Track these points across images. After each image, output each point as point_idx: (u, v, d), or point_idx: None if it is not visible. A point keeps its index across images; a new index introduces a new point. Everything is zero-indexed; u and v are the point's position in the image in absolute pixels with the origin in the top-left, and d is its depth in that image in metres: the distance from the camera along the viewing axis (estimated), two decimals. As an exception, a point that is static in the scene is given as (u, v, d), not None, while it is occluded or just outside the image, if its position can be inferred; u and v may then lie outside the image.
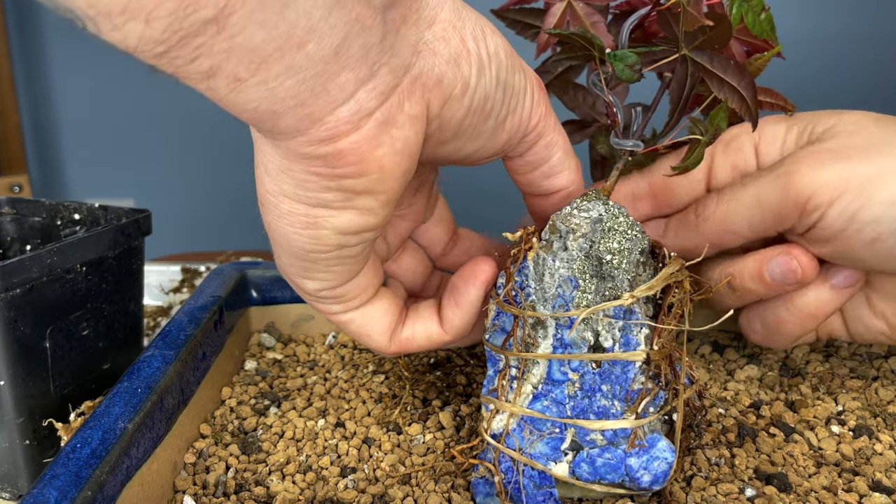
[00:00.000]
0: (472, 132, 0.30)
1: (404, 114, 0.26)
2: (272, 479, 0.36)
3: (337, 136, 0.25)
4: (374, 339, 0.35)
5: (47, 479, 0.28)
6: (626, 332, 0.32)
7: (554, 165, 0.34)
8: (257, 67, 0.22)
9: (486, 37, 0.28)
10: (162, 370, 0.36)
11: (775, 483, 0.34)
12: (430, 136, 0.28)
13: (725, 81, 0.36)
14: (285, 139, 0.25)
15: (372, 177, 0.26)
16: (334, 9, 0.22)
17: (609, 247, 0.32)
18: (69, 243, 0.40)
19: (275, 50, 0.21)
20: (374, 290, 0.34)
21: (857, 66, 1.69)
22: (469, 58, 0.27)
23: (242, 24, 0.20)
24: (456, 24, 0.27)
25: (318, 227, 0.28)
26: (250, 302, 0.49)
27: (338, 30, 0.22)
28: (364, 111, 0.25)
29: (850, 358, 0.45)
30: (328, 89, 0.23)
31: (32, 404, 0.40)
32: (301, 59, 0.22)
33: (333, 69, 0.23)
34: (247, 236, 1.45)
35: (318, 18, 0.21)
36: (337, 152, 0.25)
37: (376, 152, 0.26)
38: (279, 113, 0.23)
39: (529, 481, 0.32)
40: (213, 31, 0.20)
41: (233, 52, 0.21)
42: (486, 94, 0.28)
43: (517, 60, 0.30)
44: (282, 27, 0.21)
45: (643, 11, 0.36)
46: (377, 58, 0.24)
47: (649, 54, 0.35)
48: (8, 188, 1.82)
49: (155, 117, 1.96)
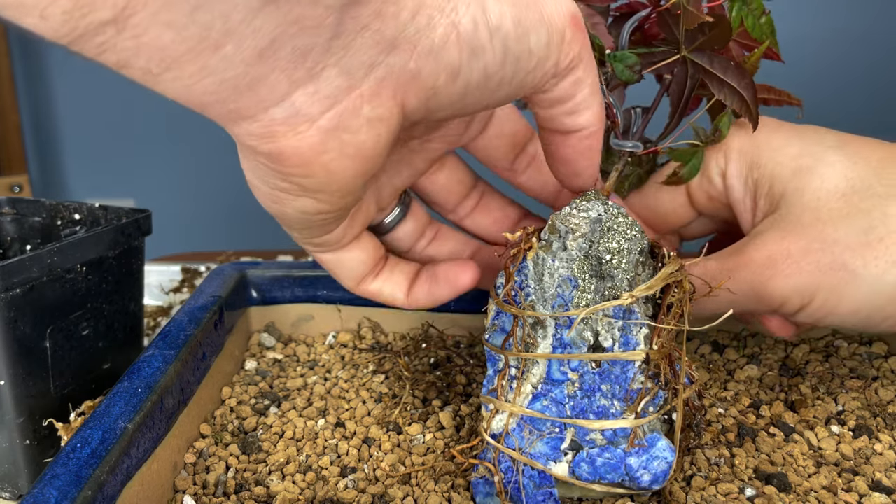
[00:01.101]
0: (479, 103, 0.28)
1: (361, 118, 0.25)
2: (272, 478, 0.36)
3: (273, 136, 0.24)
4: (342, 280, 0.37)
5: (47, 479, 0.28)
6: (625, 332, 0.32)
7: (579, 102, 0.31)
8: (168, 66, 0.21)
9: (486, 10, 0.26)
10: (162, 370, 0.36)
11: (775, 483, 0.34)
12: (422, 119, 0.27)
13: (725, 83, 0.36)
14: (227, 127, 0.24)
15: (319, 178, 0.26)
16: (261, 11, 0.21)
17: (608, 247, 0.32)
18: (69, 243, 0.40)
19: (187, 51, 0.20)
20: (353, 237, 0.34)
21: (857, 66, 1.69)
22: (459, 42, 0.25)
23: (145, 25, 0.20)
24: (444, 7, 0.25)
25: (281, 204, 0.28)
26: (250, 302, 0.49)
27: (264, 33, 0.21)
28: (303, 116, 0.24)
29: (850, 358, 0.45)
30: (255, 89, 0.22)
31: (32, 404, 0.40)
32: (217, 61, 0.21)
33: (259, 71, 0.22)
34: (247, 236, 1.45)
35: (237, 21, 0.20)
36: (277, 152, 0.24)
37: (321, 157, 0.25)
38: (203, 105, 0.23)
39: (529, 481, 0.32)
40: (114, 32, 0.19)
41: (140, 51, 0.20)
42: (488, 73, 0.27)
43: (534, 15, 0.27)
44: (193, 29, 0.20)
45: (643, 13, 0.36)
46: (319, 59, 0.23)
47: (649, 56, 0.35)
48: (8, 188, 1.82)
49: (155, 117, 1.96)
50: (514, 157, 0.40)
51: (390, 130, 0.26)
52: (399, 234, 0.39)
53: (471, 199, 0.40)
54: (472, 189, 0.40)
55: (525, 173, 0.41)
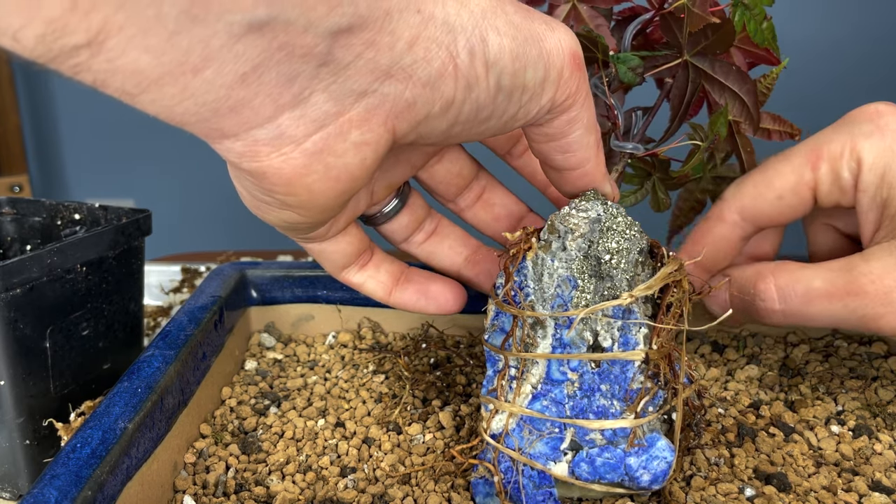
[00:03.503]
0: (467, 133, 0.28)
1: (348, 142, 0.25)
2: (272, 478, 0.36)
3: (256, 155, 0.24)
4: (325, 267, 0.37)
5: (47, 479, 0.28)
6: (624, 332, 0.32)
7: (572, 142, 0.32)
8: (146, 87, 0.21)
9: (486, 44, 0.26)
10: (162, 370, 0.36)
11: (775, 483, 0.34)
12: (412, 142, 0.28)
13: (727, 87, 0.36)
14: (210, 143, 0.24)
15: (301, 197, 0.26)
16: (244, 38, 0.21)
17: (608, 247, 0.32)
18: (69, 243, 0.40)
19: (165, 74, 0.20)
20: (338, 231, 0.35)
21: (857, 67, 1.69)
22: (455, 74, 0.25)
23: (121, 48, 0.19)
24: (443, 39, 0.25)
25: (264, 213, 0.28)
26: (250, 302, 0.49)
27: (246, 58, 0.21)
28: (288, 138, 0.24)
29: (849, 358, 0.45)
30: (237, 112, 0.22)
31: (32, 404, 0.40)
32: (198, 84, 0.21)
33: (241, 95, 0.22)
34: (247, 236, 1.45)
35: (218, 47, 0.20)
36: (260, 172, 0.24)
37: (305, 179, 0.25)
38: (184, 123, 0.23)
39: (529, 481, 0.32)
40: (88, 55, 0.19)
41: (116, 73, 0.20)
42: (480, 105, 0.27)
43: (533, 51, 0.27)
44: (171, 54, 0.20)
45: (646, 16, 0.36)
46: (307, 84, 0.23)
47: (651, 59, 0.36)
48: (8, 188, 1.82)
49: (155, 117, 1.96)
50: (510, 146, 0.40)
51: (377, 154, 0.26)
52: (394, 226, 0.39)
53: (471, 191, 0.40)
54: (473, 181, 0.40)
55: (521, 158, 0.41)
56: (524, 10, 0.28)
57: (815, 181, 0.37)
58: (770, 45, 0.37)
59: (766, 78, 0.39)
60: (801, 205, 0.38)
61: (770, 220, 0.39)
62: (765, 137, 0.41)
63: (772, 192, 0.38)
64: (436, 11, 0.24)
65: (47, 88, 2.07)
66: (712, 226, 0.40)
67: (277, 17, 0.21)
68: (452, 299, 0.39)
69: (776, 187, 0.38)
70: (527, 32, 0.27)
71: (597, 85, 0.37)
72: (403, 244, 0.40)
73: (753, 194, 0.39)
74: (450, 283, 0.39)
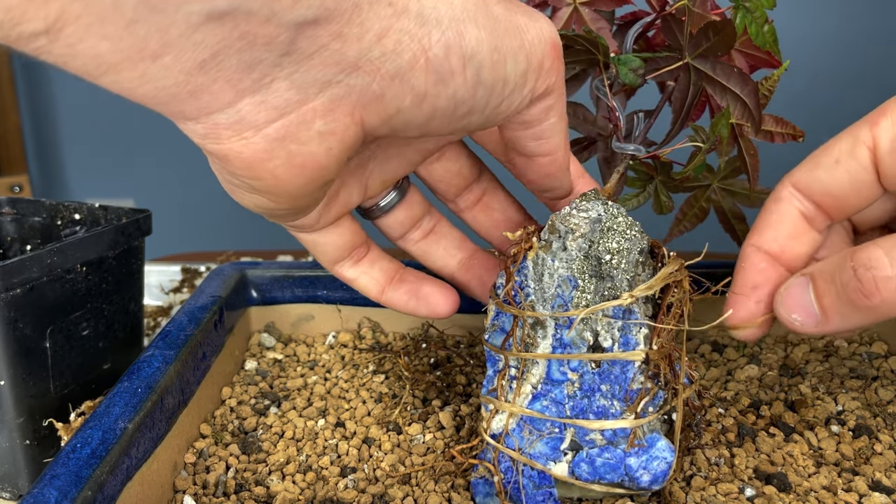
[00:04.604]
0: (448, 128, 0.28)
1: (312, 131, 0.25)
2: (272, 478, 0.36)
3: (217, 137, 0.24)
4: (318, 259, 0.37)
5: (47, 479, 0.28)
6: (625, 332, 0.32)
7: (545, 129, 0.31)
8: (105, 70, 0.21)
9: (463, 37, 0.25)
10: (162, 370, 0.36)
11: (775, 483, 0.34)
12: (388, 135, 0.27)
13: (728, 89, 0.36)
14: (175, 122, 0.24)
15: (266, 182, 0.26)
16: (203, 27, 0.21)
17: (608, 247, 0.32)
18: (69, 243, 0.40)
19: (123, 59, 0.21)
20: (329, 223, 0.34)
21: (857, 67, 1.69)
22: (427, 68, 0.25)
23: (79, 35, 0.20)
24: (415, 32, 0.24)
25: (237, 197, 0.28)
26: (250, 302, 0.49)
27: (205, 46, 0.21)
28: (248, 123, 0.24)
29: (849, 358, 0.45)
30: (197, 97, 0.23)
31: (32, 404, 0.40)
32: (157, 70, 0.21)
33: (200, 80, 0.22)
34: (247, 236, 1.45)
35: (176, 35, 0.21)
36: (222, 153, 0.25)
37: (267, 164, 0.25)
38: (147, 104, 0.23)
39: (529, 481, 0.32)
40: (46, 40, 0.20)
41: (76, 57, 0.21)
42: (459, 99, 0.27)
43: (514, 42, 0.27)
44: (129, 41, 0.20)
45: (648, 19, 0.36)
46: (268, 71, 0.23)
47: (652, 62, 0.36)
48: (8, 188, 1.82)
49: (155, 117, 1.95)
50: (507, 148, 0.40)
51: (344, 145, 0.26)
52: (390, 220, 0.39)
53: (471, 192, 0.39)
54: (474, 182, 0.39)
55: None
56: (506, 3, 0.28)
57: (874, 139, 0.33)
58: (771, 48, 0.37)
59: (767, 81, 0.39)
60: (861, 172, 0.33)
61: (829, 195, 0.34)
62: (767, 140, 0.40)
63: (828, 156, 0.34)
64: (410, 4, 0.24)
65: (47, 88, 2.07)
66: (769, 206, 0.36)
67: (239, 7, 0.21)
68: (443, 303, 0.38)
69: (833, 151, 0.34)
70: (507, 24, 0.27)
71: (598, 87, 0.37)
72: (399, 240, 0.40)
73: (810, 165, 0.35)
74: (443, 287, 0.38)
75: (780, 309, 0.33)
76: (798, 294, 0.33)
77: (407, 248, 0.40)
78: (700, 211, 0.45)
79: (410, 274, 0.39)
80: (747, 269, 0.35)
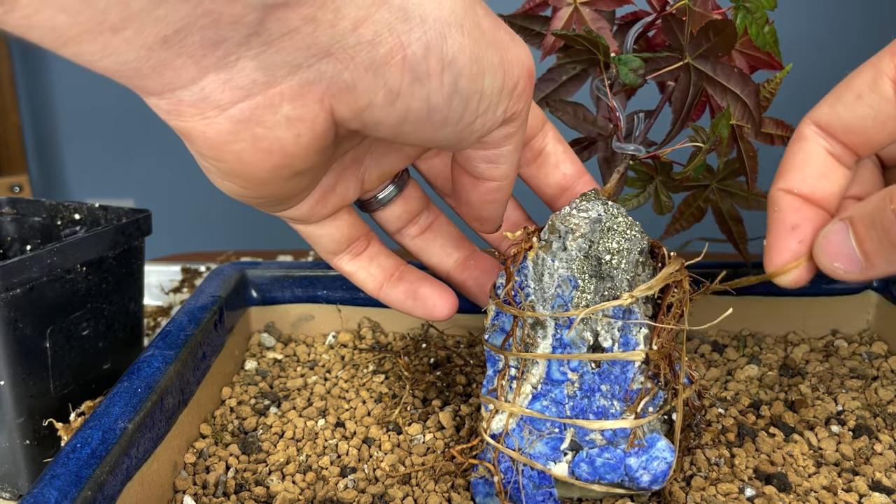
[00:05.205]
0: (420, 135, 0.27)
1: (279, 116, 0.24)
2: (272, 478, 0.36)
3: (181, 114, 0.24)
4: (316, 251, 0.37)
5: (47, 479, 0.28)
6: (625, 332, 0.32)
7: (500, 154, 0.31)
8: (65, 43, 0.21)
9: (446, 40, 0.25)
10: (162, 370, 0.36)
11: (775, 483, 0.34)
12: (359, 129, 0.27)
13: (728, 89, 0.36)
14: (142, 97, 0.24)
15: (231, 165, 0.25)
16: (166, 2, 0.21)
17: (608, 247, 0.32)
18: (69, 243, 0.40)
19: (82, 32, 0.20)
20: (324, 216, 0.34)
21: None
22: (403, 65, 0.24)
23: (36, 7, 0.20)
24: (396, 26, 0.24)
25: (212, 179, 0.28)
26: (250, 302, 0.49)
27: (168, 21, 0.21)
28: (213, 102, 0.23)
29: (850, 358, 0.45)
30: (159, 72, 0.22)
31: (32, 404, 0.40)
32: (118, 43, 0.21)
33: (162, 56, 0.22)
34: (247, 236, 1.45)
35: (137, 9, 0.20)
36: (186, 132, 0.24)
37: (231, 146, 0.25)
38: (111, 77, 0.23)
39: (529, 481, 0.32)
40: (2, 11, 0.20)
41: (33, 28, 0.20)
42: (433, 105, 0.26)
43: (494, 57, 0.27)
44: (88, 13, 0.20)
45: (648, 19, 0.36)
46: (233, 50, 0.23)
47: (653, 62, 0.36)
48: (8, 188, 1.82)
49: (155, 117, 1.96)
50: None
51: (314, 133, 0.25)
52: (387, 214, 0.38)
53: None
54: None
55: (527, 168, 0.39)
56: (492, 17, 0.28)
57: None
58: (772, 50, 0.37)
59: (769, 83, 0.38)
60: (885, 105, 0.31)
61: (853, 131, 0.32)
62: (767, 142, 0.40)
63: (849, 91, 0.33)
64: None
65: (47, 88, 2.07)
66: (792, 148, 0.34)
67: None
68: (441, 305, 0.38)
69: (854, 85, 0.32)
70: (491, 38, 0.27)
71: (598, 87, 0.37)
72: (397, 235, 0.39)
73: (831, 100, 0.33)
74: (442, 289, 0.38)
75: (822, 258, 0.32)
76: (838, 241, 0.31)
77: (404, 243, 0.40)
78: (697, 211, 0.45)
79: (411, 273, 0.38)
80: (783, 209, 0.33)
